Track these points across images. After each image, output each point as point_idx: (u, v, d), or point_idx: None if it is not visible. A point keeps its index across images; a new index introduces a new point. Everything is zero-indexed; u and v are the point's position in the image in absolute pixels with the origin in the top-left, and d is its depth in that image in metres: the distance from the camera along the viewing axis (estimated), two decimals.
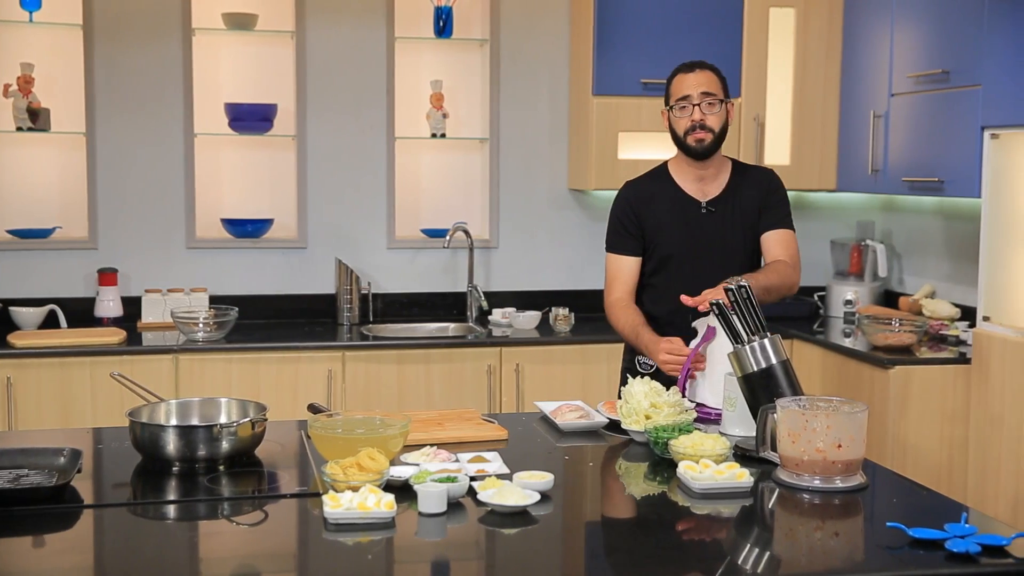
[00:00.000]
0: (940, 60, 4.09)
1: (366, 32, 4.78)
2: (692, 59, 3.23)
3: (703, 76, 3.12)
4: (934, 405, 3.90)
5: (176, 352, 4.16)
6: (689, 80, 3.12)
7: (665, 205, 3.18)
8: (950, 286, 4.65)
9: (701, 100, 3.09)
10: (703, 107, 3.08)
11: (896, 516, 2.09)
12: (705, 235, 3.15)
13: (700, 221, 3.16)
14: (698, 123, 3.08)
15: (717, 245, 3.15)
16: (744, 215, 3.16)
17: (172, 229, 4.72)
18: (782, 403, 2.33)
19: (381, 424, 2.46)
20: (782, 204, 3.21)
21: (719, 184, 3.19)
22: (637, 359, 3.20)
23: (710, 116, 3.09)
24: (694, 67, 3.15)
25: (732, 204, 3.17)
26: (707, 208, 3.16)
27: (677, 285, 3.00)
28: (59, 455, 2.32)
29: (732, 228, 3.15)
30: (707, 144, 3.10)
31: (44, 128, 4.51)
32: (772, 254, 3.17)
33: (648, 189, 3.23)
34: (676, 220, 3.16)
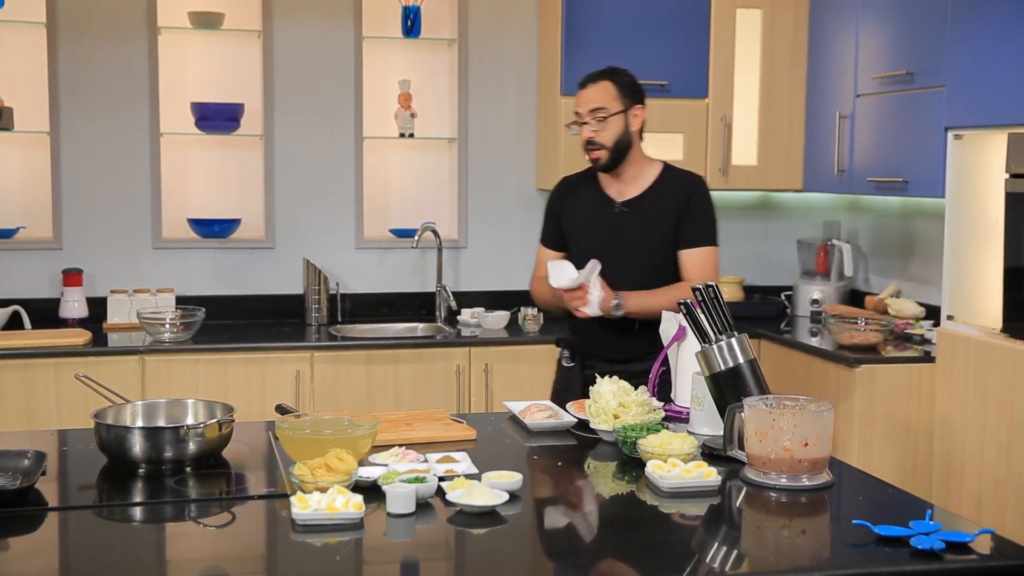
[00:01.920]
0: (904, 61, 4.13)
1: (334, 31, 4.76)
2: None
3: (594, 91, 3.15)
4: (899, 403, 3.93)
5: (142, 353, 4.13)
6: (581, 96, 3.17)
7: (585, 203, 3.25)
8: (915, 285, 4.70)
9: (590, 118, 3.13)
10: (592, 124, 3.12)
11: (862, 514, 2.10)
12: (616, 235, 3.18)
13: (613, 221, 3.20)
14: (586, 140, 3.14)
15: (629, 246, 3.17)
16: (660, 218, 3.16)
17: (138, 229, 4.68)
18: (749, 402, 2.34)
19: (349, 425, 2.46)
20: (703, 217, 3.20)
21: (639, 186, 3.21)
22: (563, 353, 3.35)
23: (601, 132, 3.13)
24: (587, 82, 3.18)
25: (649, 206, 3.18)
26: (620, 208, 3.19)
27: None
28: (23, 457, 2.30)
29: (645, 230, 3.17)
30: (603, 162, 3.16)
31: (7, 127, 4.46)
32: (685, 275, 3.18)
33: (575, 186, 3.32)
34: (591, 218, 3.23)
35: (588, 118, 3.13)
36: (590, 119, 3.12)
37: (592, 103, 3.13)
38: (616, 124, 3.13)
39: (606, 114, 3.12)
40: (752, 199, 5.26)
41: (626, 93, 3.16)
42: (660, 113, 4.73)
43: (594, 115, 3.12)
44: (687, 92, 4.75)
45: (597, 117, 3.12)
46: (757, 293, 5.20)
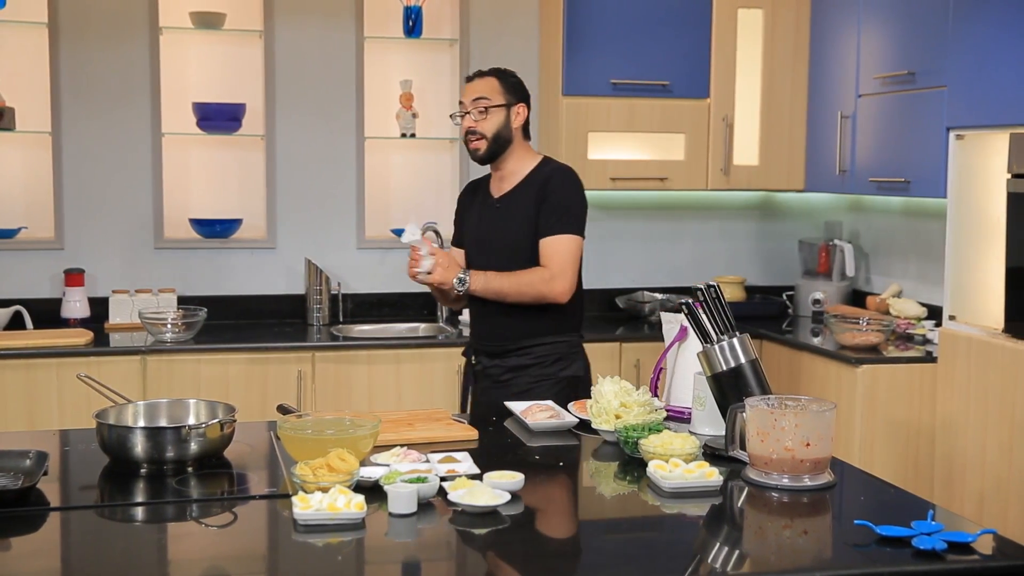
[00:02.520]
0: (906, 61, 4.13)
1: (335, 32, 4.76)
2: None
3: (480, 83, 3.22)
4: (901, 403, 3.93)
5: (144, 353, 4.13)
6: (467, 88, 3.25)
7: (475, 201, 3.37)
8: (917, 285, 4.69)
9: (472, 107, 3.19)
10: (473, 114, 3.18)
11: (864, 514, 2.10)
12: (491, 230, 3.27)
13: (488, 216, 3.29)
14: (468, 130, 3.20)
15: (500, 240, 3.23)
16: (527, 210, 3.19)
17: (140, 229, 4.68)
18: (751, 402, 2.34)
19: (351, 425, 2.46)
20: (558, 204, 3.16)
21: (514, 181, 3.26)
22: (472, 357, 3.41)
23: (481, 122, 3.18)
24: (474, 76, 3.26)
25: (518, 200, 3.23)
26: (495, 204, 3.28)
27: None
28: (25, 457, 2.30)
29: (514, 224, 3.20)
30: (481, 152, 3.21)
31: (9, 127, 4.46)
32: (541, 263, 3.18)
33: (475, 187, 3.43)
34: (474, 216, 3.34)
35: (470, 107, 3.19)
36: (472, 108, 3.19)
37: (476, 94, 3.20)
38: (497, 116, 3.18)
39: (488, 104, 3.18)
40: (754, 199, 5.26)
41: (510, 91, 3.22)
42: (661, 113, 4.74)
43: (476, 104, 3.18)
44: (688, 92, 4.75)
45: (479, 107, 3.18)
46: (759, 293, 5.20)
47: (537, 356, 3.24)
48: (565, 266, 3.13)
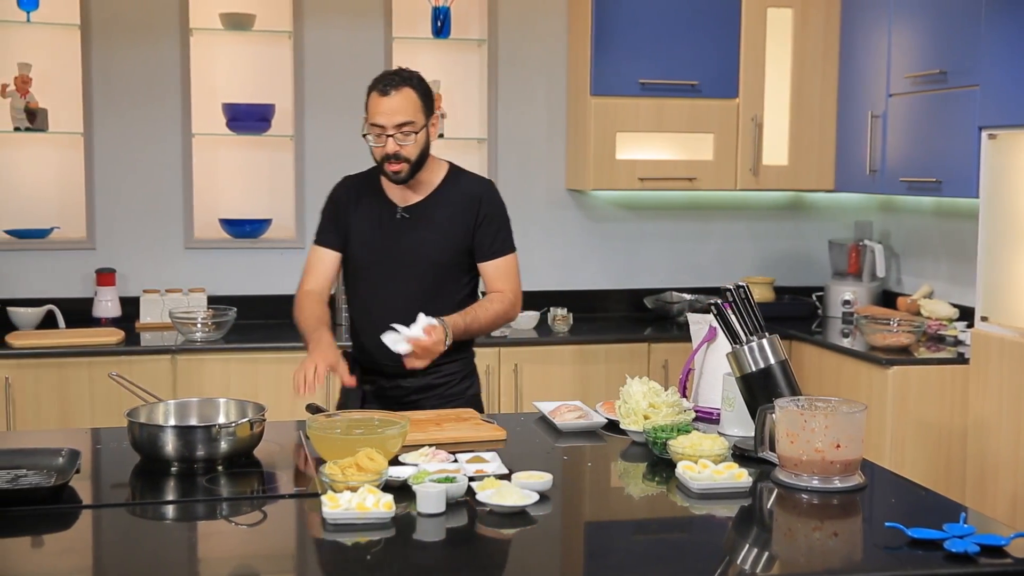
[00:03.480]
0: (938, 60, 4.09)
1: (364, 32, 4.78)
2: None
3: (398, 101, 2.85)
4: (932, 405, 3.90)
5: (174, 352, 4.16)
6: (383, 106, 2.86)
7: (367, 208, 3.03)
8: (948, 286, 4.66)
9: (395, 131, 2.86)
10: (397, 138, 2.86)
11: (894, 516, 2.09)
12: (398, 243, 2.97)
13: (394, 228, 2.98)
14: (392, 154, 2.88)
15: (410, 253, 2.96)
16: (447, 225, 2.97)
17: (170, 229, 4.72)
18: (780, 403, 2.33)
19: (380, 424, 2.46)
20: (500, 226, 3.04)
21: (424, 191, 3.00)
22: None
23: (407, 147, 2.87)
24: (389, 88, 2.86)
25: (433, 212, 2.98)
26: (402, 214, 2.98)
27: (373, 294, 2.98)
28: (57, 455, 2.32)
29: (429, 237, 2.96)
30: (403, 175, 2.91)
31: (42, 128, 4.51)
32: (492, 286, 3.03)
33: (358, 187, 3.08)
34: (371, 225, 3.00)
35: (393, 131, 2.86)
36: (396, 133, 2.86)
37: (398, 115, 2.85)
38: (421, 138, 2.89)
39: (414, 129, 2.87)
40: (783, 199, 5.24)
41: (427, 103, 2.92)
42: (690, 113, 4.72)
43: (400, 130, 2.86)
44: (717, 92, 4.73)
45: (403, 131, 2.86)
46: (788, 294, 5.18)
47: (446, 375, 3.03)
48: (518, 287, 3.06)
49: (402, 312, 2.84)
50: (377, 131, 2.88)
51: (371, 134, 2.89)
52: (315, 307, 3.04)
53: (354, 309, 3.09)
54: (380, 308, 2.95)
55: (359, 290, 3.07)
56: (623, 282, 5.12)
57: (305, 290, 3.08)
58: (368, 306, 3.02)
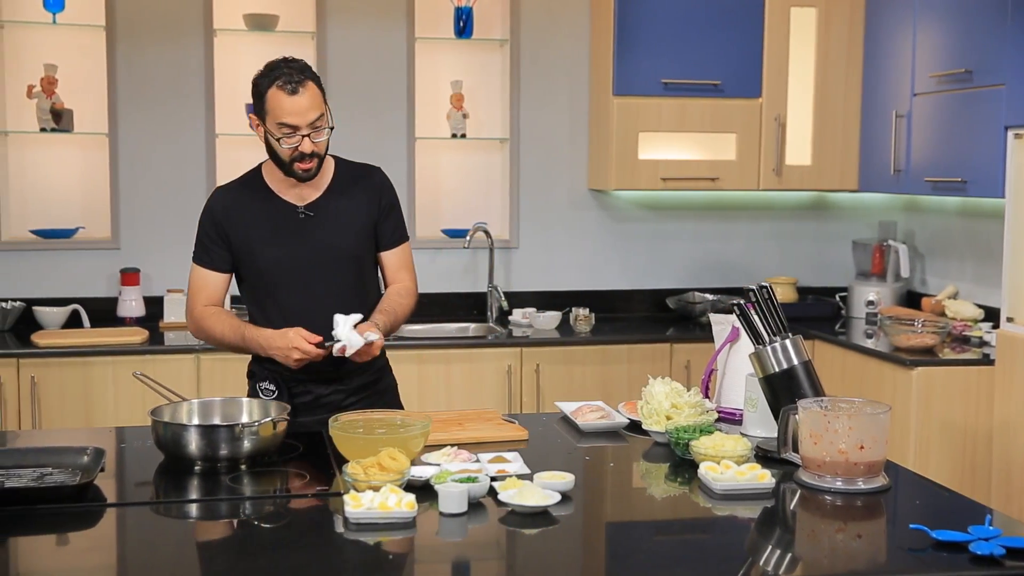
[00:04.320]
0: (963, 59, 4.07)
1: (386, 32, 4.79)
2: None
3: (308, 98, 2.71)
4: (957, 406, 3.88)
5: (198, 352, 4.18)
6: (295, 105, 2.70)
7: (259, 213, 2.84)
8: (973, 287, 4.62)
9: (309, 129, 2.72)
10: (312, 137, 2.73)
11: (919, 518, 2.08)
12: (307, 243, 2.82)
13: (297, 228, 2.83)
14: (308, 153, 2.74)
15: (324, 252, 2.83)
16: (352, 217, 2.87)
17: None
18: (804, 404, 2.32)
19: (402, 424, 2.47)
20: (397, 212, 2.96)
21: (318, 186, 2.86)
22: (259, 386, 2.88)
23: (319, 144, 2.75)
24: (297, 86, 2.71)
25: (335, 206, 2.86)
26: (305, 212, 2.84)
27: (291, 299, 2.82)
28: (82, 454, 2.34)
29: (337, 232, 2.84)
30: (313, 172, 2.79)
31: (67, 129, 4.54)
32: (395, 276, 2.96)
33: (238, 197, 2.88)
34: (272, 229, 2.83)
35: (308, 130, 2.72)
36: (310, 131, 2.72)
37: (313, 113, 2.71)
38: (326, 131, 2.77)
39: (325, 124, 2.76)
40: (806, 199, 5.21)
41: (325, 96, 2.80)
42: (713, 113, 4.71)
43: (314, 126, 2.72)
44: (740, 92, 4.71)
45: (316, 127, 2.73)
46: (811, 294, 5.16)
47: (376, 370, 2.95)
48: (414, 273, 3.01)
49: (329, 312, 2.73)
50: (288, 131, 2.71)
51: (279, 134, 2.72)
52: (229, 317, 2.85)
53: (268, 322, 2.82)
54: (303, 312, 2.80)
55: (273, 299, 2.84)
56: (645, 282, 5.11)
57: (202, 309, 2.86)
58: (288, 313, 2.81)
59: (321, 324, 2.70)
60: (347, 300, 2.81)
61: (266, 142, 2.79)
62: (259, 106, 2.77)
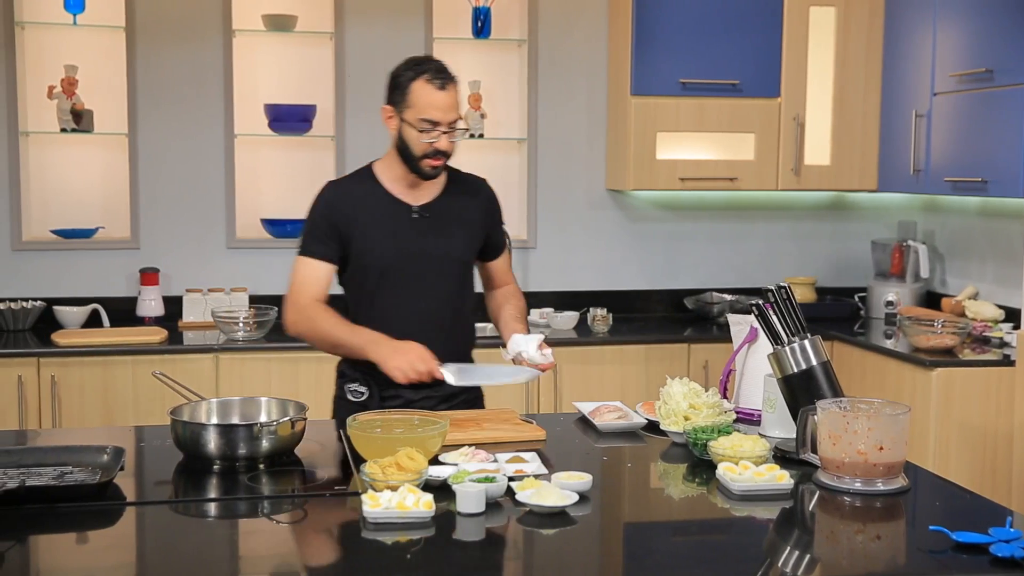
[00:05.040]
0: (984, 59, 4.04)
1: (404, 33, 4.79)
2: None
3: (453, 96, 2.78)
4: (977, 407, 3.85)
5: (216, 351, 4.19)
6: (441, 101, 2.76)
7: (374, 210, 2.86)
8: (994, 287, 4.60)
9: (447, 128, 2.77)
10: (448, 136, 2.78)
11: (939, 520, 2.07)
12: (420, 243, 2.86)
13: (413, 228, 2.86)
14: (444, 151, 2.79)
15: (435, 254, 2.87)
16: (463, 224, 2.92)
17: (213, 229, 4.76)
18: (823, 405, 2.31)
19: (419, 424, 2.47)
20: (500, 223, 3.07)
21: (432, 189, 2.90)
22: (348, 387, 2.93)
23: (453, 144, 2.81)
24: (445, 83, 2.77)
25: (447, 211, 2.90)
26: (419, 213, 2.87)
27: (399, 299, 2.85)
28: (102, 453, 2.35)
29: (448, 235, 2.89)
30: (440, 169, 2.84)
31: (87, 129, 4.56)
32: (504, 279, 3.11)
33: (352, 192, 2.90)
34: (387, 228, 2.85)
35: (447, 128, 2.77)
36: (448, 129, 2.77)
37: (453, 112, 2.78)
38: (460, 133, 2.82)
39: (462, 125, 2.83)
40: (825, 199, 5.19)
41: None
42: (731, 113, 4.70)
43: (452, 126, 2.78)
44: (759, 91, 4.70)
45: (455, 127, 2.79)
46: (830, 294, 5.14)
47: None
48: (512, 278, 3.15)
49: (434, 314, 2.85)
50: (428, 126, 2.76)
51: (419, 128, 2.76)
52: (336, 315, 2.85)
53: (370, 319, 2.85)
54: (405, 310, 2.86)
55: (377, 297, 2.87)
56: (663, 282, 5.11)
57: (307, 301, 2.86)
58: (392, 313, 2.86)
59: (419, 323, 2.82)
60: (448, 302, 2.91)
61: (399, 135, 2.82)
62: (399, 98, 2.81)
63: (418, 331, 2.81)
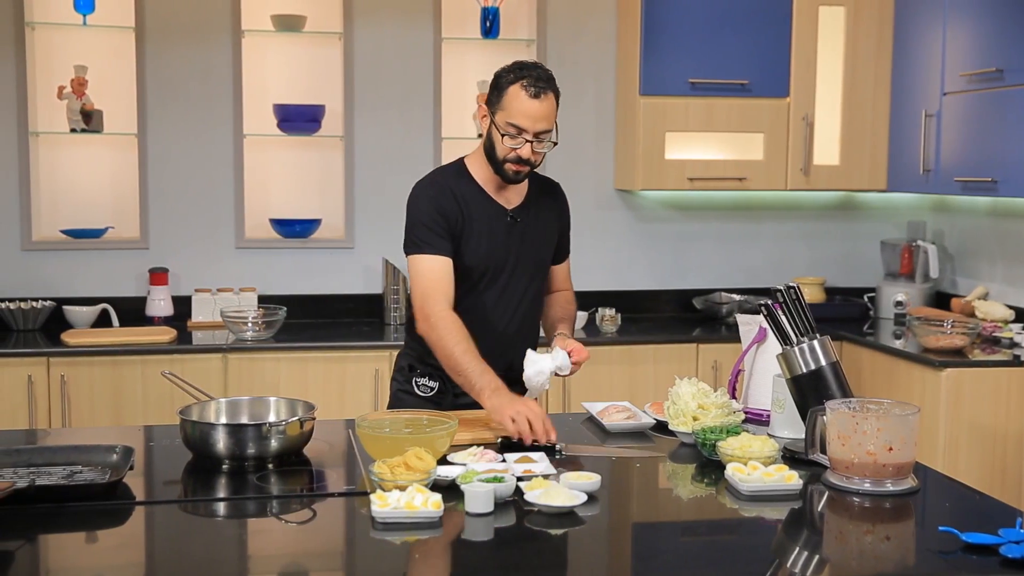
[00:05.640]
0: (994, 58, 4.03)
1: (413, 33, 4.80)
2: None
3: (547, 107, 2.74)
4: (987, 408, 3.84)
5: (225, 351, 4.20)
6: (534, 110, 2.72)
7: (478, 212, 2.83)
8: (1004, 287, 4.58)
9: (535, 138, 2.74)
10: (535, 146, 2.75)
11: (948, 520, 2.06)
12: (515, 246, 2.87)
13: (510, 231, 2.86)
14: (526, 159, 2.76)
15: (522, 258, 2.88)
16: (545, 228, 2.94)
17: (221, 229, 4.77)
18: (831, 405, 2.30)
19: (428, 424, 2.47)
20: (569, 227, 3.08)
21: (519, 193, 2.91)
22: (417, 381, 2.92)
23: (539, 155, 2.78)
24: (540, 92, 2.73)
25: (534, 216, 2.91)
26: (513, 217, 2.87)
27: (493, 300, 2.85)
28: (112, 452, 2.35)
29: (536, 240, 2.91)
30: (523, 176, 2.82)
31: (97, 129, 4.58)
32: (563, 284, 3.10)
33: (459, 192, 2.84)
34: (489, 229, 2.83)
35: (533, 138, 2.74)
36: (533, 138, 2.74)
37: (543, 122, 2.74)
38: (548, 144, 2.79)
39: (551, 138, 2.78)
40: (834, 199, 5.18)
41: (557, 108, 2.81)
42: (740, 112, 4.69)
43: (540, 137, 2.75)
44: (768, 91, 4.69)
45: (543, 139, 2.76)
46: (839, 294, 5.13)
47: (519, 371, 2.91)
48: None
49: (517, 316, 2.91)
50: (515, 131, 2.73)
51: (505, 131, 2.74)
52: (469, 339, 2.71)
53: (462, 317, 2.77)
54: (493, 311, 2.86)
55: (468, 296, 2.83)
56: (672, 282, 5.10)
57: (444, 311, 2.74)
58: (477, 311, 2.83)
59: (505, 324, 2.87)
60: (532, 305, 2.95)
61: (488, 134, 2.81)
62: (495, 98, 2.79)
63: (501, 331, 2.86)
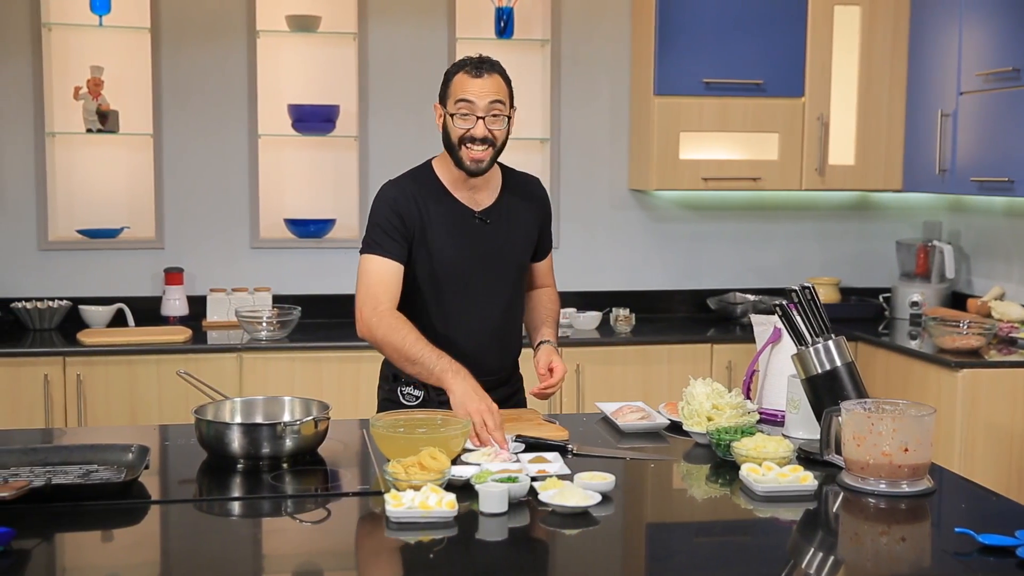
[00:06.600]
0: (1010, 58, 4.01)
1: (428, 33, 4.80)
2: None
3: (491, 83, 2.69)
4: (1003, 409, 3.82)
5: (240, 351, 4.21)
6: (476, 85, 2.68)
7: (439, 213, 2.78)
8: (1020, 288, 4.56)
9: (487, 111, 2.68)
10: (488, 120, 2.68)
11: (965, 522, 2.05)
12: (482, 248, 2.80)
13: (478, 232, 2.80)
14: (480, 137, 2.68)
15: (493, 259, 2.81)
16: (519, 227, 2.87)
17: (236, 229, 4.78)
18: (847, 406, 2.30)
19: (442, 424, 2.47)
20: (550, 223, 3.03)
21: (490, 193, 2.84)
22: (403, 390, 2.84)
23: (495, 130, 2.69)
24: (483, 72, 2.69)
25: (506, 215, 2.84)
26: (480, 218, 2.81)
27: (462, 304, 2.79)
28: (127, 451, 2.36)
29: (508, 241, 2.83)
30: (485, 164, 2.73)
31: (113, 130, 4.59)
32: (544, 280, 3.06)
33: (419, 193, 2.79)
34: (451, 231, 2.78)
35: (484, 112, 2.67)
36: (486, 114, 2.67)
37: (492, 95, 2.67)
38: (506, 124, 2.72)
39: (504, 111, 2.70)
40: (850, 199, 5.17)
41: (510, 92, 2.76)
42: (755, 112, 4.68)
43: (492, 108, 2.68)
44: (783, 91, 4.68)
45: (495, 111, 2.68)
46: (854, 295, 5.11)
47: (515, 381, 2.97)
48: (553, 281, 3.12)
49: (495, 319, 2.84)
50: (465, 109, 2.68)
51: (456, 113, 2.69)
52: (413, 328, 2.69)
53: (425, 323, 2.77)
54: (464, 315, 2.80)
55: (436, 301, 2.80)
56: (686, 283, 5.09)
57: (386, 308, 2.71)
58: (455, 319, 2.80)
59: (478, 328, 2.81)
60: (506, 306, 2.87)
61: (443, 130, 2.75)
62: (444, 92, 2.75)
63: (475, 336, 2.80)
